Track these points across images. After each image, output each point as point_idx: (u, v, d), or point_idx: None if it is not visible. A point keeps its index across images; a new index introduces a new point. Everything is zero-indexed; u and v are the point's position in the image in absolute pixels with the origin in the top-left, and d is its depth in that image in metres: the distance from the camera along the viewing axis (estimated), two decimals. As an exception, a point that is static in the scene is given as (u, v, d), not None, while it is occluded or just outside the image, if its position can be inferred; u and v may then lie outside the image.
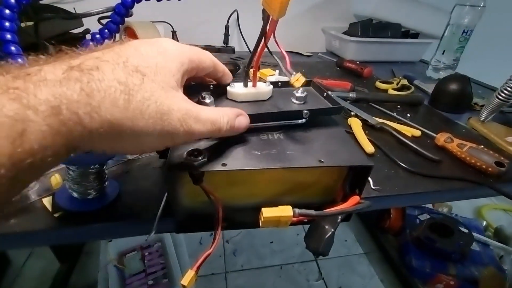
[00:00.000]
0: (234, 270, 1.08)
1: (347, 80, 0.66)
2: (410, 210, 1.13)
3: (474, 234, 1.04)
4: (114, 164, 0.34)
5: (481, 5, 0.70)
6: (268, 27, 0.23)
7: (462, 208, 1.30)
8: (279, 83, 0.34)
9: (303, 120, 0.28)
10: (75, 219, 0.28)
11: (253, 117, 0.26)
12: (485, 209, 1.33)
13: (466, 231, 1.02)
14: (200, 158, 0.24)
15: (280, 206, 0.20)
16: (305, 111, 0.28)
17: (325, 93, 0.33)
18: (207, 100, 0.27)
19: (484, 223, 1.21)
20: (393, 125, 0.49)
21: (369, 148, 0.42)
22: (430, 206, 1.23)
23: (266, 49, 0.26)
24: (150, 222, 0.27)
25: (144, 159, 0.36)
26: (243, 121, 0.24)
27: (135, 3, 0.35)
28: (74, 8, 0.67)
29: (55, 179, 0.30)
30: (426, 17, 0.91)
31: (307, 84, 0.36)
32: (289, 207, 0.20)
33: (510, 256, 1.02)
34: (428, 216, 1.09)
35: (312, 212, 0.20)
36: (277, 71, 0.47)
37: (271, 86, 0.31)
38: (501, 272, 0.95)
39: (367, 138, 0.44)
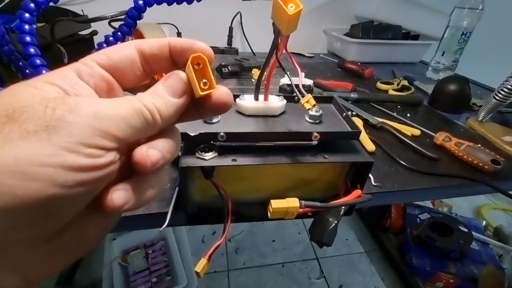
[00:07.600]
0: (236, 268, 1.10)
1: (348, 81, 0.67)
2: (411, 210, 1.14)
3: (474, 233, 1.05)
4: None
5: (480, 8, 0.72)
6: (279, 41, 0.22)
7: (462, 208, 1.32)
8: (296, 97, 0.30)
9: (313, 142, 0.26)
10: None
11: (255, 136, 0.25)
12: (485, 209, 1.34)
13: (466, 230, 1.03)
14: (211, 153, 0.25)
15: (287, 198, 0.22)
16: (315, 134, 0.25)
17: (345, 114, 0.30)
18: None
19: (484, 222, 1.22)
20: (393, 125, 0.51)
21: (370, 146, 0.43)
22: (430, 205, 1.24)
23: (283, 55, 0.24)
24: (161, 216, 0.29)
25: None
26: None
27: (147, 7, 0.36)
28: (82, 10, 0.69)
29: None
30: (426, 19, 0.92)
31: (327, 101, 0.34)
32: (296, 199, 0.22)
33: (510, 255, 1.03)
34: (428, 216, 1.10)
35: (317, 203, 0.22)
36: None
37: (284, 101, 0.30)
38: (500, 271, 0.96)
39: (368, 137, 0.45)
